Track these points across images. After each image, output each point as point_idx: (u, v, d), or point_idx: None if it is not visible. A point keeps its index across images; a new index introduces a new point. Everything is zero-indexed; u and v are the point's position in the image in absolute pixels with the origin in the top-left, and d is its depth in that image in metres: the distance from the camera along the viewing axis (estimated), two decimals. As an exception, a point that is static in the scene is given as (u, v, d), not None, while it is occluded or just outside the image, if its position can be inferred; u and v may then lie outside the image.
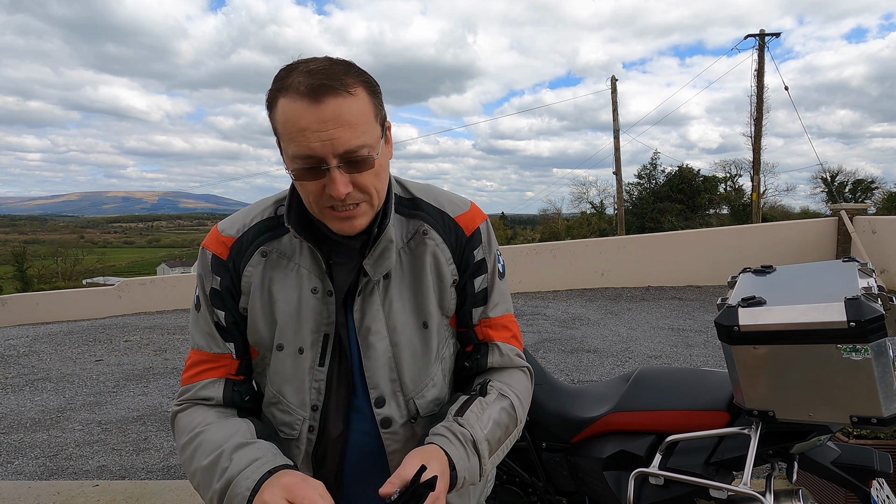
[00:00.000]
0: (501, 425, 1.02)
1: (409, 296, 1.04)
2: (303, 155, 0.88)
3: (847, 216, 10.06)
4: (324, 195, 0.92)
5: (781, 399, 1.42)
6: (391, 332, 1.02)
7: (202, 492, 0.94)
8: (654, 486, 1.70)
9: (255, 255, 1.02)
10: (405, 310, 1.03)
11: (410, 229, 1.05)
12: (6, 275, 63.82)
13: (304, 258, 1.01)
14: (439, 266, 1.05)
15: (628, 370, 2.00)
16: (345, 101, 0.87)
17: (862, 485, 1.55)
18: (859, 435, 2.43)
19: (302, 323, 1.01)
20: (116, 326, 9.71)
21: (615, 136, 21.52)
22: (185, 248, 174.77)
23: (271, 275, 1.02)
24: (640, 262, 11.15)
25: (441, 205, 1.09)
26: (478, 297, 1.09)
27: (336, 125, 0.86)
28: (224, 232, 1.04)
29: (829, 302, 1.31)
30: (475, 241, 1.08)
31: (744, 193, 31.50)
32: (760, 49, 20.58)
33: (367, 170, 0.92)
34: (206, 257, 1.04)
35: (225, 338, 1.05)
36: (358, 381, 1.04)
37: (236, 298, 1.04)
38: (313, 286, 1.01)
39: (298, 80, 0.87)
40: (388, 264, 1.01)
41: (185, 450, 0.98)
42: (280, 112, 0.90)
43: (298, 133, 0.87)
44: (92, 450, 4.13)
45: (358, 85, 0.90)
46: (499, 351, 1.11)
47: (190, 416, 1.02)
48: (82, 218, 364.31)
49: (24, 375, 6.44)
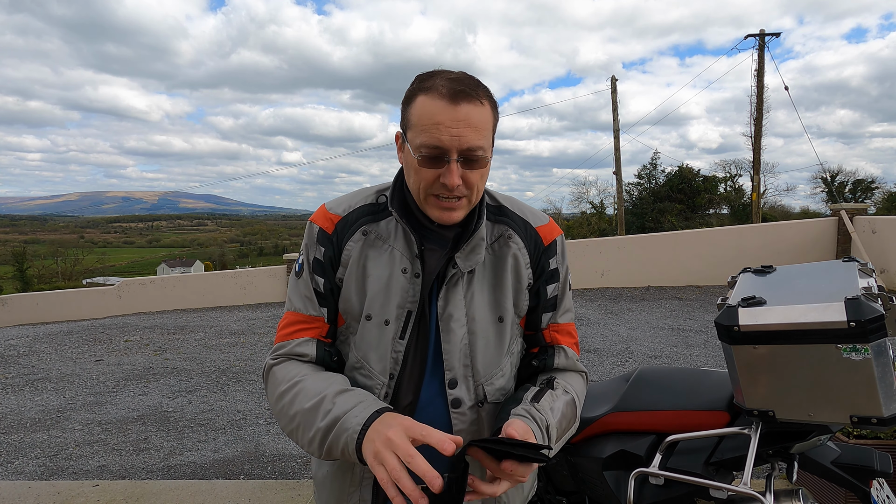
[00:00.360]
0: (566, 418, 1.12)
1: (489, 291, 1.15)
2: (431, 145, 1.02)
3: (847, 216, 10.05)
4: (435, 184, 1.05)
5: (781, 399, 1.42)
6: (470, 322, 1.12)
7: (301, 432, 1.02)
8: (654, 486, 1.70)
9: (356, 233, 1.15)
10: (484, 303, 1.14)
11: (496, 233, 1.17)
12: (6, 275, 63.81)
13: (398, 241, 1.13)
14: (518, 268, 1.16)
15: (628, 370, 2.00)
16: (475, 108, 1.03)
17: (862, 485, 1.55)
18: (859, 435, 2.43)
19: (390, 297, 1.11)
20: (116, 326, 9.71)
21: (615, 136, 21.52)
22: (185, 248, 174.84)
23: (368, 252, 1.14)
24: (640, 262, 11.15)
25: (525, 215, 1.22)
26: (548, 303, 1.20)
27: (465, 126, 1.01)
28: (332, 210, 1.18)
29: (829, 302, 1.31)
30: (551, 251, 1.20)
31: (744, 193, 31.49)
32: (760, 49, 20.59)
33: (479, 169, 1.05)
34: (312, 230, 1.17)
35: (320, 303, 1.15)
36: (431, 360, 1.14)
37: (335, 269, 1.15)
38: (404, 267, 1.12)
39: (441, 83, 1.03)
40: (477, 259, 1.13)
41: (283, 397, 1.07)
42: (418, 106, 1.04)
43: (433, 126, 1.01)
44: (92, 450, 4.14)
45: (487, 99, 1.06)
46: (565, 354, 1.21)
47: (286, 369, 1.11)
48: (82, 218, 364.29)
49: (24, 375, 6.43)
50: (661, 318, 8.07)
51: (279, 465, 3.78)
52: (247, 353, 7.16)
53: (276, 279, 12.19)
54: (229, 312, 10.84)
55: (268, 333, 8.44)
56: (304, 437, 1.02)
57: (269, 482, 3.44)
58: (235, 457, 3.94)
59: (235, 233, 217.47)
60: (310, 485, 3.33)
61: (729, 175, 33.64)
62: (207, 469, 3.76)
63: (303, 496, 3.19)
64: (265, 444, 4.16)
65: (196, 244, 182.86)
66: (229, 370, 6.31)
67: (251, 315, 10.34)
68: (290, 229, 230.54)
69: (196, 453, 4.03)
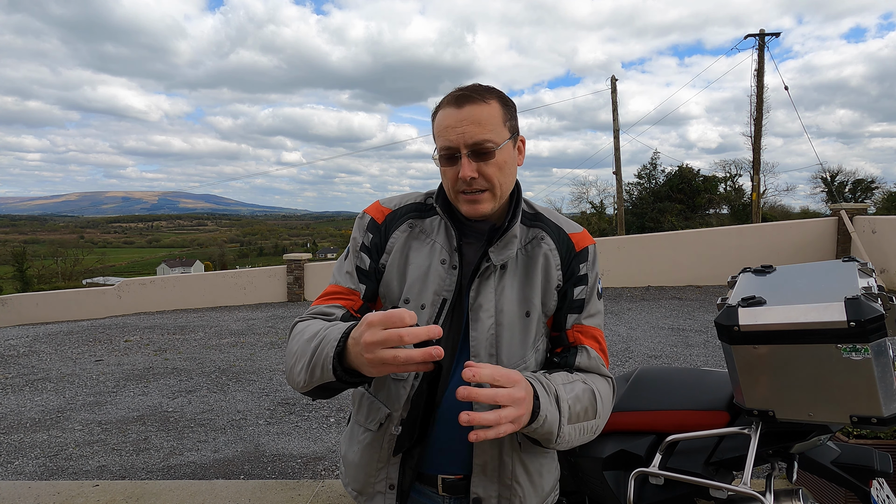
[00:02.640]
0: (582, 402, 1.12)
1: (518, 287, 1.21)
2: (445, 146, 1.15)
3: (847, 216, 10.06)
4: (458, 181, 1.15)
5: (781, 399, 1.42)
6: (498, 313, 1.18)
7: (296, 366, 1.07)
8: (654, 486, 1.70)
9: (403, 225, 1.26)
10: (513, 298, 1.20)
11: (530, 236, 1.25)
12: (6, 275, 63.79)
13: (439, 235, 1.23)
14: (548, 268, 1.22)
15: (628, 370, 2.00)
16: (479, 107, 1.13)
17: (862, 485, 1.55)
18: (859, 435, 2.43)
19: (427, 285, 1.19)
20: (116, 326, 9.71)
21: (615, 136, 21.52)
22: (185, 248, 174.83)
23: (411, 243, 1.24)
24: (639, 262, 11.15)
25: (559, 222, 1.29)
26: (574, 304, 1.24)
27: (469, 123, 1.12)
28: (385, 204, 1.30)
29: (829, 302, 1.31)
30: (582, 256, 1.25)
31: (744, 193, 31.46)
32: (760, 49, 20.59)
33: (490, 160, 1.14)
34: (364, 220, 1.29)
35: (360, 279, 1.24)
36: (460, 348, 1.20)
37: (380, 254, 1.25)
38: (443, 258, 1.21)
39: (451, 94, 1.17)
40: (508, 254, 1.20)
41: (293, 340, 1.14)
42: (437, 119, 1.18)
43: (444, 130, 1.15)
44: (92, 450, 4.14)
45: (493, 98, 1.16)
46: (587, 354, 1.22)
47: (307, 323, 1.17)
48: (82, 218, 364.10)
49: (24, 375, 6.43)
50: (661, 318, 8.07)
51: (279, 465, 3.79)
52: (247, 353, 7.17)
53: (276, 279, 12.19)
54: (229, 312, 10.84)
55: (268, 333, 8.44)
56: (296, 366, 1.08)
57: (269, 482, 3.44)
58: (235, 457, 3.94)
59: (235, 233, 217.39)
60: (310, 485, 3.34)
61: (729, 175, 33.64)
62: (207, 469, 3.76)
63: (303, 496, 3.19)
64: (265, 444, 4.16)
65: (196, 244, 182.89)
66: (229, 370, 6.31)
67: (251, 315, 10.34)
68: (290, 229, 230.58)
69: (196, 453, 4.03)
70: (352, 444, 1.27)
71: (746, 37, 20.76)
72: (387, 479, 1.20)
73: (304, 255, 12.41)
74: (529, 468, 1.20)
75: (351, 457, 1.27)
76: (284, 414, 4.80)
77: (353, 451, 1.26)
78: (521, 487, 1.19)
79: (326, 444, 4.13)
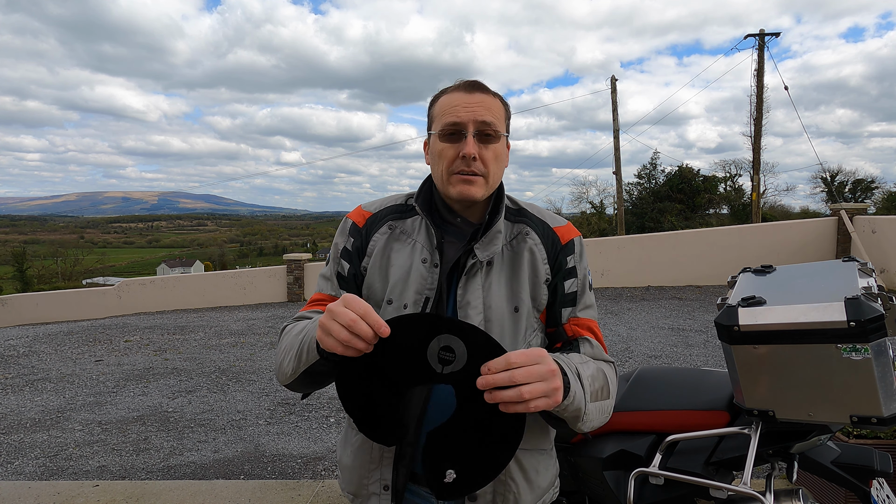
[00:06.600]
0: (598, 380, 1.13)
1: (505, 283, 1.21)
2: (451, 122, 1.17)
3: (847, 216, 10.06)
4: (456, 160, 1.17)
5: (781, 399, 1.42)
6: (486, 310, 1.18)
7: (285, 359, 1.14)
8: (654, 486, 1.70)
9: (383, 227, 1.28)
10: (501, 294, 1.20)
11: (514, 231, 1.25)
12: (6, 275, 63.78)
13: (420, 235, 1.24)
14: (535, 262, 1.23)
15: (628, 370, 2.00)
16: (488, 97, 1.19)
17: (862, 484, 1.55)
18: (859, 435, 2.43)
19: (409, 285, 1.20)
20: (116, 326, 9.71)
21: (615, 136, 21.51)
22: (184, 248, 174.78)
23: (392, 245, 1.25)
24: (640, 262, 11.15)
25: (543, 216, 1.29)
26: (567, 298, 1.24)
27: (479, 105, 1.17)
28: (366, 208, 1.33)
29: (829, 302, 1.31)
30: (569, 249, 1.26)
31: (744, 193, 31.45)
32: (760, 49, 20.59)
33: (493, 144, 1.18)
34: (346, 224, 1.31)
35: (341, 285, 1.27)
36: None
37: (361, 258, 1.27)
38: (424, 257, 1.21)
39: (459, 83, 1.22)
40: (494, 250, 1.20)
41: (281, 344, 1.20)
42: (441, 101, 1.21)
43: (452, 108, 1.17)
44: (92, 450, 4.14)
45: (497, 96, 1.22)
46: (590, 344, 1.23)
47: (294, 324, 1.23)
48: (82, 218, 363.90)
49: (24, 375, 6.43)
50: (661, 318, 8.07)
51: (279, 466, 3.79)
52: (247, 353, 7.16)
53: (276, 279, 12.19)
54: (229, 312, 10.84)
55: (268, 333, 8.44)
56: (285, 359, 1.13)
57: (268, 482, 3.44)
58: (235, 457, 3.94)
59: (235, 233, 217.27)
60: (310, 485, 3.34)
61: (729, 175, 33.64)
62: (207, 469, 3.76)
63: (303, 496, 3.19)
64: (265, 444, 4.16)
65: (196, 244, 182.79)
66: (229, 370, 6.31)
67: (251, 315, 10.34)
68: (290, 229, 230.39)
69: (196, 453, 4.03)
70: (346, 448, 1.29)
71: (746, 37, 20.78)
72: (381, 480, 1.20)
73: (304, 255, 12.41)
74: (525, 466, 1.20)
75: (345, 460, 1.28)
76: (284, 414, 4.80)
77: (346, 454, 1.28)
78: (516, 484, 1.19)
79: (326, 444, 4.13)
